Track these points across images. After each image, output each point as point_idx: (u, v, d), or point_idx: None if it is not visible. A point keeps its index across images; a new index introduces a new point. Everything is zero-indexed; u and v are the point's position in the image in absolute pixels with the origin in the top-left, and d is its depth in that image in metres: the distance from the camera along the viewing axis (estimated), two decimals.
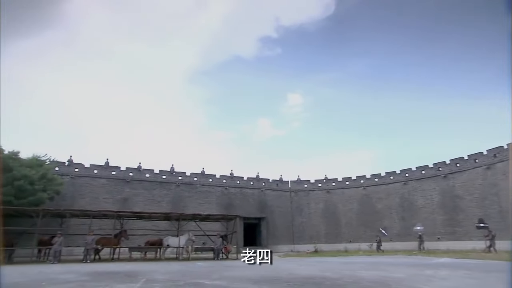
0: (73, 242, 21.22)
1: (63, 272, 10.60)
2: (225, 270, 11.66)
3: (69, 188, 25.82)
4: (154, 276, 9.32)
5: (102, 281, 7.98)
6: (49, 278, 8.72)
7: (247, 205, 32.00)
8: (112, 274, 9.84)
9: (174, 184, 29.85)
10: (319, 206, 34.49)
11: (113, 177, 28.04)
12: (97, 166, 27.91)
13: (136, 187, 28.39)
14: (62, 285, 7.20)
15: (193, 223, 22.72)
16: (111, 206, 25.97)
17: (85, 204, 25.51)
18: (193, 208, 28.27)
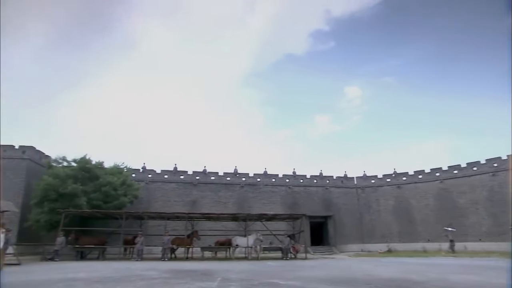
0: (151, 242, 23.04)
1: (146, 269, 11.46)
2: (297, 270, 11.45)
3: (145, 193, 28.18)
4: (228, 275, 9.51)
5: (182, 279, 8.37)
6: (136, 274, 9.48)
7: (312, 204, 31.31)
8: (189, 272, 10.31)
9: (238, 185, 30.64)
10: (389, 203, 32.18)
11: (181, 181, 29.88)
12: (167, 172, 30.02)
13: (203, 190, 29.81)
14: (149, 281, 7.72)
15: (259, 223, 23.00)
16: (181, 208, 27.65)
17: (158, 207, 27.61)
18: (258, 208, 28.63)
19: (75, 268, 11.95)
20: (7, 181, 25.25)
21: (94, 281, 7.76)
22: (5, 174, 25.57)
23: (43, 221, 21.27)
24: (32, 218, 21.98)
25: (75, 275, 9.29)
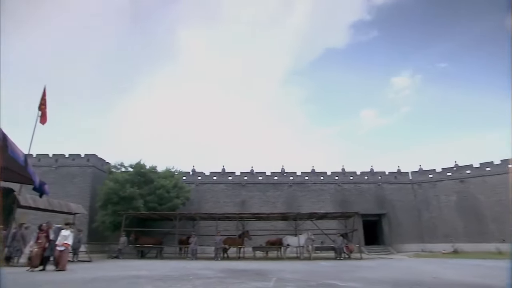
0: (204, 242, 23.76)
1: (202, 268, 11.76)
2: (354, 271, 10.90)
3: (195, 194, 29.23)
4: (283, 275, 9.35)
5: (237, 278, 8.40)
6: (193, 273, 9.75)
7: (363, 201, 29.91)
8: (243, 272, 10.34)
9: (286, 184, 30.41)
10: (451, 199, 29.47)
11: (230, 182, 30.47)
12: (216, 173, 30.82)
13: (251, 190, 30.08)
14: (205, 280, 7.86)
15: (309, 222, 22.54)
16: (231, 208, 28.17)
17: (209, 208, 28.42)
18: (307, 207, 28.11)
19: (137, 266, 12.69)
20: (76, 186, 27.94)
21: (156, 279, 8.11)
22: (74, 180, 28.33)
23: (108, 222, 23.13)
24: (98, 219, 24.02)
25: (138, 272, 9.83)
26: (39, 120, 14.07)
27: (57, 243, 10.55)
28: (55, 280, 7.73)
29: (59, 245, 10.46)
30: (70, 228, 11.13)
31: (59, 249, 10.39)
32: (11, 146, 4.78)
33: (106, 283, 7.17)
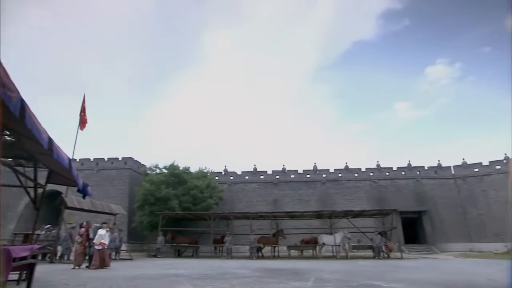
0: (238, 241, 23.89)
1: (238, 267, 11.76)
2: (396, 271, 10.34)
3: (228, 194, 29.49)
4: (321, 275, 9.07)
5: (275, 278, 8.25)
6: (230, 272, 9.75)
7: (401, 198, 28.52)
8: (280, 271, 10.17)
9: (319, 182, 29.79)
10: (501, 194, 27.15)
11: (262, 181, 30.41)
12: (247, 172, 30.91)
13: (283, 188, 29.83)
14: (242, 280, 7.80)
15: (345, 220, 21.87)
16: (263, 207, 28.09)
17: (242, 207, 28.55)
18: (342, 205, 27.34)
19: (175, 265, 12.97)
20: (115, 188, 29.29)
21: (194, 278, 8.19)
22: (113, 182, 29.72)
23: (145, 222, 23.99)
24: (136, 220, 24.99)
25: (177, 271, 10.01)
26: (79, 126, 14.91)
27: (95, 241, 10.97)
28: (100, 276, 8.05)
29: (96, 244, 10.86)
30: (106, 227, 11.48)
31: (96, 248, 10.76)
32: (56, 150, 4.98)
33: (148, 281, 7.33)
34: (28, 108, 3.58)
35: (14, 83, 3.22)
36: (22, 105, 3.39)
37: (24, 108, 3.43)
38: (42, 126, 4.28)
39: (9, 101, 3.05)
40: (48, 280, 7.51)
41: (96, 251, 10.76)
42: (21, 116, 3.37)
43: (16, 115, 3.25)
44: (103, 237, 11.04)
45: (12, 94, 3.14)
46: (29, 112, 3.63)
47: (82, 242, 11.22)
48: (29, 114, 3.61)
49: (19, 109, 3.32)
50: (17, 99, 3.25)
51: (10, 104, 3.09)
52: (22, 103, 3.39)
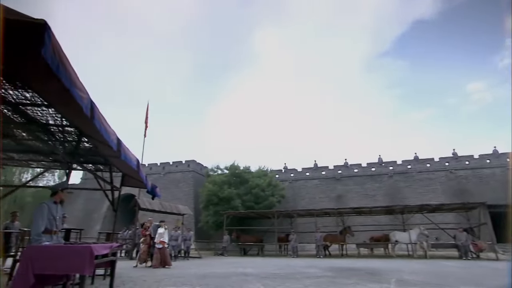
0: (302, 239, 23.34)
1: (307, 266, 11.29)
2: (496, 275, 8.87)
3: (290, 191, 29.11)
4: (401, 276, 8.16)
5: (348, 278, 7.64)
6: (299, 271, 9.35)
7: (486, 189, 25.03)
8: (353, 271, 9.46)
9: (385, 175, 27.76)
10: None
11: (324, 177, 29.40)
12: (308, 169, 30.16)
13: (347, 183, 28.43)
14: (314, 280, 7.34)
15: (418, 216, 19.91)
16: (326, 204, 27.08)
17: (305, 205, 27.92)
18: (414, 199, 25.04)
19: (242, 263, 13.00)
20: (181, 190, 30.95)
21: (263, 277, 7.98)
22: (179, 184, 31.47)
23: (211, 222, 24.85)
24: (202, 219, 26.04)
25: (245, 270, 9.94)
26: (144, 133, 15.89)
27: (155, 240, 10.95)
28: (174, 274, 8.30)
29: (156, 242, 10.82)
30: (164, 226, 11.24)
31: (157, 246, 10.71)
32: (124, 151, 5.15)
33: (218, 280, 7.32)
34: (97, 110, 3.66)
35: (84, 85, 3.29)
36: (91, 106, 3.45)
37: (93, 109, 3.50)
38: (111, 127, 4.40)
39: (81, 101, 3.09)
40: (129, 275, 7.97)
41: (157, 250, 10.69)
42: (91, 117, 3.43)
43: (87, 116, 3.32)
44: (162, 235, 10.89)
45: (83, 95, 3.18)
46: (98, 113, 3.71)
47: (146, 240, 11.29)
48: (98, 115, 3.68)
49: (90, 110, 3.38)
50: (87, 100, 3.30)
51: (83, 104, 3.14)
52: (91, 104, 3.45)
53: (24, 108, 5.23)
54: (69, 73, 2.76)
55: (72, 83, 2.82)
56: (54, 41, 2.49)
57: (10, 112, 5.43)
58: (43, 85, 3.46)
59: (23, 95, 4.74)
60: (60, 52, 2.62)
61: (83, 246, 3.67)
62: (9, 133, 6.50)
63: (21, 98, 4.84)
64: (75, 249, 3.63)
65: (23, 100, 4.90)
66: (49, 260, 3.57)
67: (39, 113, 5.40)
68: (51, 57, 2.44)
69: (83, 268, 3.54)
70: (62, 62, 2.65)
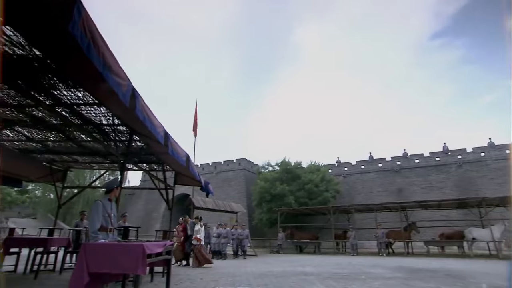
0: (361, 236, 21.98)
1: (369, 265, 10.37)
2: None
3: (344, 186, 27.69)
4: (491, 280, 6.95)
5: (425, 281, 6.68)
6: (364, 271, 8.54)
7: None
8: (429, 273, 8.37)
9: (453, 165, 24.94)
10: None
11: (381, 170, 27.46)
12: (363, 162, 28.43)
13: (408, 176, 26.18)
14: (384, 281, 6.54)
15: (499, 210, 17.39)
16: (385, 198, 25.20)
17: (361, 200, 26.33)
18: (490, 190, 22.05)
19: (300, 261, 12.45)
20: (233, 188, 31.29)
21: (325, 277, 7.37)
22: (231, 183, 31.86)
23: (265, 219, 24.63)
24: (256, 217, 25.95)
25: (303, 268, 9.39)
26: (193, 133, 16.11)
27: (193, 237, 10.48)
28: (230, 273, 8.09)
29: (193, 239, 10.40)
30: (198, 222, 10.68)
31: (193, 243, 10.28)
32: (172, 146, 4.94)
33: (277, 279, 6.90)
34: (140, 99, 3.41)
35: (124, 71, 3.06)
36: (133, 94, 3.21)
37: (135, 98, 3.25)
38: (158, 120, 4.19)
39: (118, 88, 2.84)
40: (186, 273, 7.94)
41: (193, 247, 10.27)
42: (131, 106, 3.19)
43: (126, 105, 3.08)
44: (198, 232, 10.39)
45: (122, 81, 2.94)
46: (142, 103, 3.46)
47: (179, 237, 10.89)
48: (142, 105, 3.44)
49: (129, 98, 3.14)
50: (127, 87, 3.06)
51: (120, 92, 2.89)
52: (133, 92, 3.21)
53: (79, 108, 5.35)
54: (102, 54, 2.50)
55: (106, 66, 2.57)
56: (85, 17, 2.24)
57: (68, 114, 5.61)
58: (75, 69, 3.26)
59: (76, 94, 4.81)
60: (93, 30, 2.37)
61: (135, 244, 3.49)
62: (70, 135, 6.81)
63: (74, 98, 4.93)
64: (128, 247, 3.46)
65: (76, 100, 4.98)
66: (104, 258, 3.44)
67: (92, 113, 5.49)
68: (81, 35, 2.18)
69: (136, 267, 3.35)
70: (95, 41, 2.39)
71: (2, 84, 4.54)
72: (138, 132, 5.88)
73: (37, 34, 2.84)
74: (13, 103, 5.16)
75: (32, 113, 5.55)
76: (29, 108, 5.37)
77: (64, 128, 6.31)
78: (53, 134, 6.72)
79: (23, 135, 6.89)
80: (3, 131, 6.69)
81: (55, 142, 7.25)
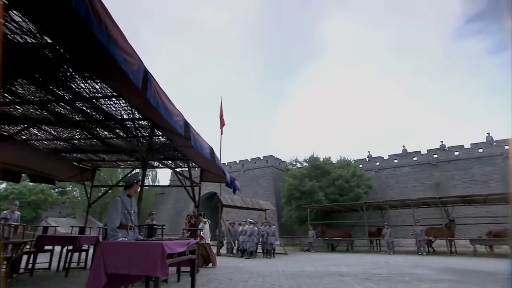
0: (396, 233, 20.81)
1: (410, 266, 9.57)
2: None
3: (377, 181, 26.41)
4: None
5: (483, 286, 5.90)
6: (405, 272, 7.81)
7: None
8: (485, 276, 7.50)
9: (499, 156, 22.90)
10: None
11: (416, 163, 25.90)
12: (396, 156, 26.99)
13: (446, 169, 24.46)
14: (433, 284, 5.85)
15: None
16: (421, 193, 23.72)
17: (395, 195, 24.97)
18: None
19: (333, 260, 11.83)
20: (261, 186, 30.93)
21: (363, 278, 6.77)
22: (259, 181, 31.52)
23: (294, 217, 24.04)
24: (285, 215, 25.41)
25: (338, 268, 8.81)
26: None
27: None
28: (261, 272, 7.71)
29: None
30: (203, 220, 9.84)
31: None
32: (194, 137, 4.61)
33: (310, 280, 6.41)
34: (153, 81, 3.07)
35: (135, 50, 2.73)
36: (145, 76, 2.87)
37: (147, 79, 2.91)
38: (176, 108, 3.85)
39: (126, 67, 2.50)
40: (215, 273, 7.65)
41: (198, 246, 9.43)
42: (143, 88, 2.85)
43: (137, 86, 2.74)
44: (202, 230, 9.57)
45: (132, 59, 2.61)
46: (155, 85, 3.12)
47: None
48: (155, 88, 3.09)
49: (142, 80, 2.80)
50: (138, 67, 2.73)
51: (129, 71, 2.55)
52: (145, 73, 2.88)
53: (98, 103, 5.18)
54: (105, 25, 2.17)
55: (111, 40, 2.24)
56: None
57: (89, 110, 5.47)
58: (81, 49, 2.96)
59: (93, 87, 4.62)
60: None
61: (154, 243, 3.17)
62: (93, 133, 6.73)
63: (93, 91, 4.75)
64: (146, 247, 3.15)
65: (95, 93, 4.80)
66: (121, 258, 3.15)
67: (112, 107, 5.31)
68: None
69: (155, 269, 3.03)
70: (94, 9, 2.06)
71: (21, 79, 4.47)
72: (159, 126, 5.63)
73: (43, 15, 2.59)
74: (34, 100, 5.09)
75: (55, 109, 5.47)
76: (51, 105, 5.29)
77: (87, 125, 6.22)
78: (77, 131, 6.67)
79: (50, 133, 6.91)
80: (31, 130, 6.74)
81: (81, 140, 7.23)
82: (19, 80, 4.49)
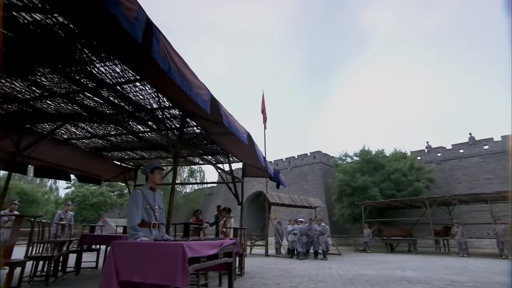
0: (467, 232, 18.28)
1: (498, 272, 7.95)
2: None
3: (439, 174, 23.70)
4: None
5: None
6: (495, 281, 6.33)
7: None
8: None
9: None
10: None
11: (487, 152, 22.69)
12: (461, 145, 23.96)
13: None
14: None
15: None
16: (497, 187, 20.60)
17: (463, 189, 22.12)
18: None
19: (395, 263, 10.43)
20: (310, 183, 29.67)
21: (439, 286, 5.53)
22: (307, 177, 30.32)
23: (346, 214, 22.48)
24: (337, 212, 23.94)
25: (403, 272, 7.55)
26: None
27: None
28: (313, 277, 6.81)
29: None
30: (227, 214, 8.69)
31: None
32: (227, 117, 3.90)
33: (373, 287, 5.38)
34: (162, 37, 2.39)
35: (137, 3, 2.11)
36: (149, 29, 2.22)
37: (152, 33, 2.25)
38: (198, 79, 3.17)
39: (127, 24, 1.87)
40: (261, 276, 6.94)
41: None
42: (146, 44, 2.19)
43: (138, 40, 2.09)
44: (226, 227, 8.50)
45: (129, 4, 1.98)
46: (164, 43, 2.45)
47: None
48: (163, 45, 2.42)
49: (143, 32, 2.14)
50: (137, 13, 2.08)
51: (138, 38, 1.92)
52: (149, 25, 2.22)
53: (123, 90, 4.77)
54: None
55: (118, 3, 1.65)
56: None
57: (117, 99, 5.11)
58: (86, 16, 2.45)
59: (114, 70, 4.19)
60: None
61: (173, 244, 2.50)
62: (127, 127, 6.43)
63: (114, 76, 4.33)
64: (162, 248, 2.50)
65: (117, 78, 4.38)
66: (137, 263, 2.53)
67: (139, 94, 4.88)
68: None
69: (174, 277, 2.36)
70: None
71: (42, 68, 4.19)
72: (190, 114, 5.08)
73: None
74: (61, 92, 4.84)
75: (84, 102, 5.20)
76: (78, 97, 5.03)
77: (119, 118, 5.91)
78: (112, 127, 6.44)
79: (87, 131, 6.79)
80: (68, 128, 6.67)
81: (117, 137, 7.02)
82: (41, 70, 4.23)
